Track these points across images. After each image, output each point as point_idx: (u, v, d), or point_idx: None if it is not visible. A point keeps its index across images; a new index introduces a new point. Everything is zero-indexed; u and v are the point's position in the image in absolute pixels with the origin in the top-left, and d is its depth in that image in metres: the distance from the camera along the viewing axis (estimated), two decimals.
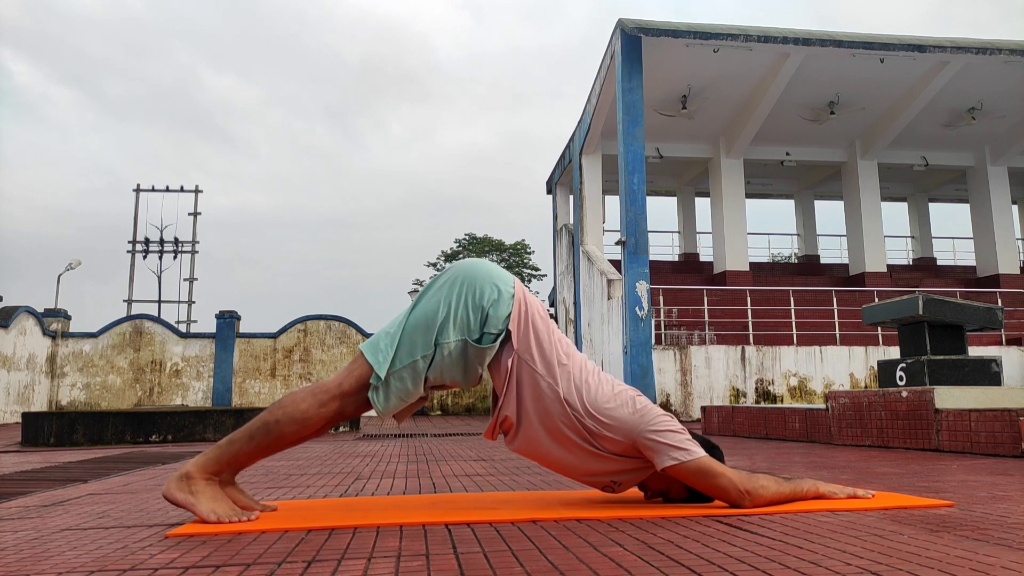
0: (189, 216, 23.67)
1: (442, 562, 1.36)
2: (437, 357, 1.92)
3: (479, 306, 1.94)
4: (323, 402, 1.91)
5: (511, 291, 1.98)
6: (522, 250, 33.07)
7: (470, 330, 1.92)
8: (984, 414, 3.98)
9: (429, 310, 1.95)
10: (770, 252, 22.13)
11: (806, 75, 13.00)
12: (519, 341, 1.95)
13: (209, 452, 1.90)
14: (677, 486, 2.01)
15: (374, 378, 1.91)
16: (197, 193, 23.68)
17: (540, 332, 1.98)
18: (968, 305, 5.31)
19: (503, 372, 1.96)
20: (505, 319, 1.94)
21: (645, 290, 10.79)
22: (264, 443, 1.90)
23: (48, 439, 6.84)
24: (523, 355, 1.95)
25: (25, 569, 1.37)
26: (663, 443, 1.89)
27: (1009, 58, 12.28)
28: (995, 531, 1.60)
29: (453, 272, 2.01)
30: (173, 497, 1.85)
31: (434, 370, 1.93)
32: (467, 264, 2.03)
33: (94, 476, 3.49)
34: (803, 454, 4.25)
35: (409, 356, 1.92)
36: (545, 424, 1.95)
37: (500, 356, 1.96)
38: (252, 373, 16.84)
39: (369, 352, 1.95)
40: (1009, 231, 15.97)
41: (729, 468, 1.93)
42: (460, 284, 1.97)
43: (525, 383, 1.95)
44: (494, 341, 1.93)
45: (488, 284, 1.97)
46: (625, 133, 11.32)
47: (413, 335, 1.93)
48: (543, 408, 1.94)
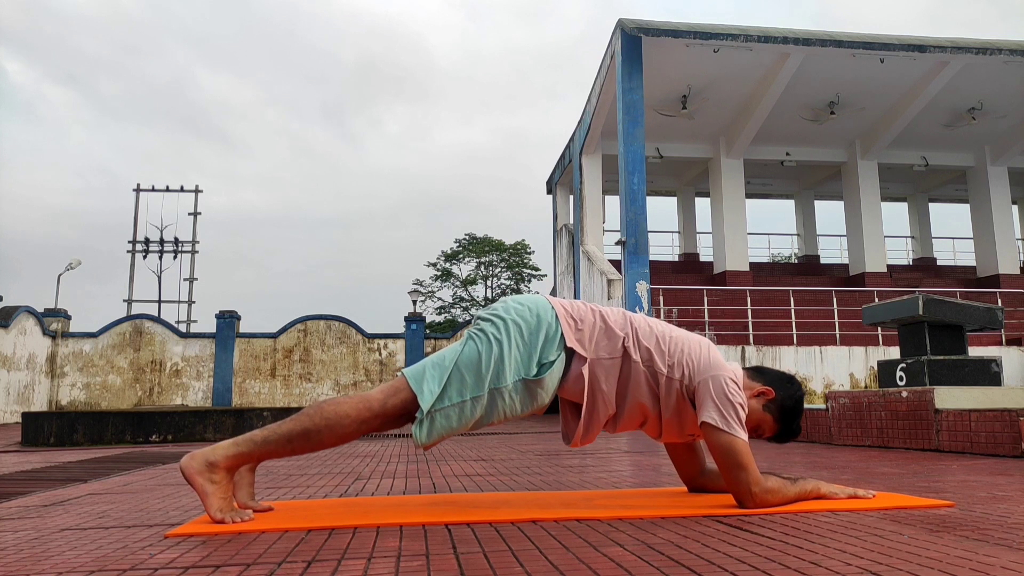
0: (189, 216, 23.69)
1: (442, 562, 1.36)
2: (495, 401, 1.92)
3: (529, 343, 1.95)
4: (365, 419, 1.91)
5: (550, 313, 1.99)
6: (522, 250, 33.04)
7: (527, 368, 1.94)
8: (984, 414, 3.98)
9: (482, 351, 1.94)
10: (770, 252, 22.17)
11: (806, 75, 13.00)
12: (588, 351, 1.97)
13: (240, 444, 1.88)
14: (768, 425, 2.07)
15: (420, 411, 1.91)
16: (197, 193, 23.71)
17: (598, 329, 2.00)
18: (968, 305, 5.31)
19: (580, 380, 1.97)
20: (559, 345, 1.96)
21: (645, 290, 10.79)
22: (301, 447, 1.90)
23: (48, 439, 6.84)
24: (598, 357, 1.98)
25: (25, 569, 1.37)
26: (716, 401, 1.91)
27: (1009, 58, 12.28)
28: (995, 531, 1.60)
29: (499, 310, 2.03)
30: (192, 477, 1.84)
31: (491, 415, 1.94)
32: (509, 302, 2.05)
33: (94, 476, 3.49)
34: (803, 454, 4.24)
35: (459, 395, 1.92)
36: (639, 398, 1.99)
37: (570, 370, 1.98)
38: (252, 373, 16.84)
39: (414, 381, 1.93)
40: (1009, 231, 15.97)
41: (755, 466, 1.92)
42: (507, 324, 1.97)
43: (609, 377, 1.98)
44: (552, 368, 1.94)
45: (531, 317, 1.98)
46: (625, 133, 11.32)
47: (464, 374, 1.93)
48: (634, 386, 1.98)
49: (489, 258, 33.09)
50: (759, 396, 2.08)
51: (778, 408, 2.08)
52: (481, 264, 33.18)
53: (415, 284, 32.87)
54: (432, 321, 31.69)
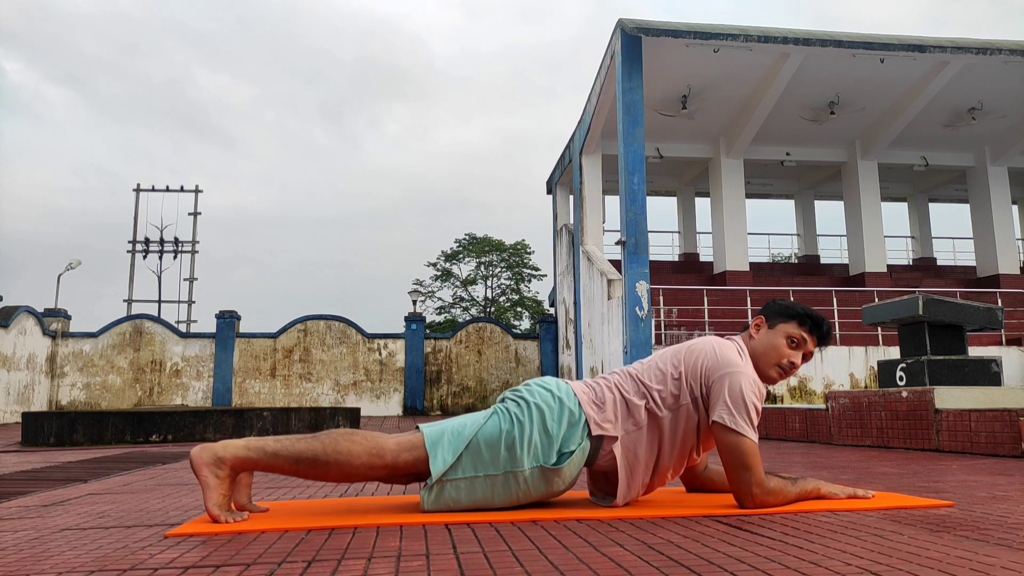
0: (189, 216, 23.69)
1: (442, 562, 1.36)
2: (509, 483, 1.91)
3: (551, 430, 1.92)
4: (374, 465, 1.90)
5: (572, 400, 1.97)
6: (522, 250, 33.03)
7: (546, 456, 1.91)
8: (984, 414, 3.98)
9: (504, 428, 1.93)
10: (770, 252, 22.18)
11: (806, 75, 13.00)
12: (615, 430, 1.96)
13: (252, 449, 1.88)
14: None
15: (430, 478, 1.91)
16: (197, 193, 23.70)
17: (619, 405, 1.98)
18: (968, 305, 5.31)
19: (613, 458, 1.96)
20: (582, 433, 1.94)
21: (645, 290, 10.79)
22: (306, 472, 1.90)
23: (48, 439, 6.84)
24: (627, 432, 1.97)
25: (25, 569, 1.37)
26: (728, 400, 1.91)
27: (1009, 58, 12.27)
28: (995, 531, 1.60)
29: (523, 392, 2.01)
30: (199, 468, 1.85)
31: (503, 496, 1.92)
32: (533, 385, 2.03)
33: (94, 476, 3.49)
34: (803, 454, 4.25)
35: (473, 470, 1.91)
36: (679, 441, 2.00)
37: (601, 450, 1.96)
38: (252, 373, 16.83)
39: (430, 445, 1.92)
40: (1009, 231, 15.96)
41: (760, 469, 1.92)
42: (530, 407, 1.95)
43: (640, 445, 1.97)
44: (572, 458, 1.92)
45: (554, 403, 1.96)
46: (625, 133, 11.31)
47: (482, 448, 1.91)
48: (670, 437, 1.98)
49: (489, 258, 33.08)
50: (757, 329, 2.11)
51: (776, 315, 2.11)
52: (481, 264, 33.18)
53: (415, 284, 32.88)
54: (432, 321, 31.68)
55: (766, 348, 2.07)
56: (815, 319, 2.09)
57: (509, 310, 32.91)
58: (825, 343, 2.12)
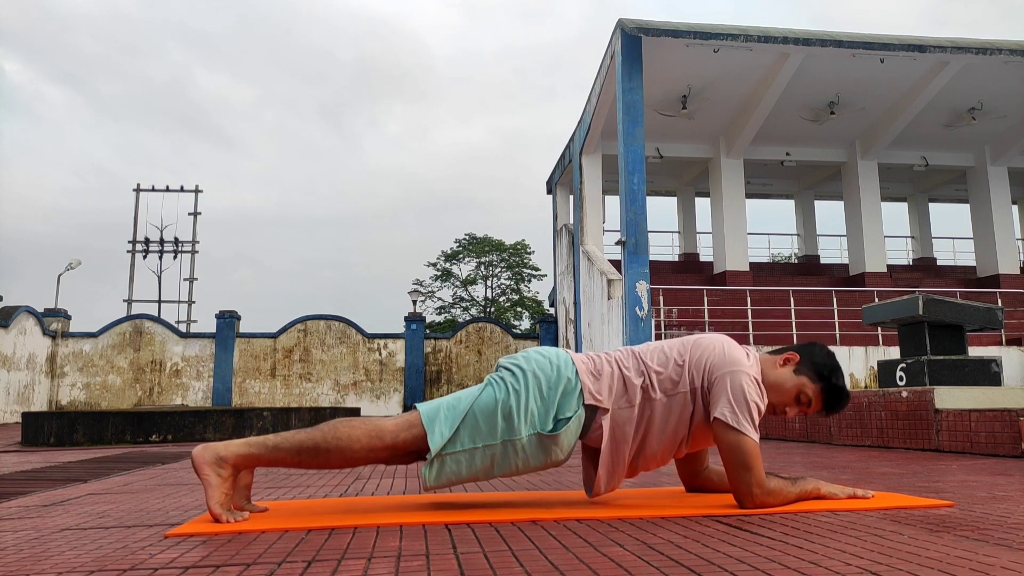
0: (189, 216, 23.70)
1: (442, 562, 1.36)
2: (508, 453, 1.91)
3: (547, 397, 1.93)
4: (374, 447, 1.92)
5: (570, 368, 1.97)
6: (522, 250, 33.04)
7: (543, 423, 1.92)
8: (984, 414, 3.98)
9: (499, 398, 1.93)
10: (770, 252, 22.19)
11: (806, 75, 13.00)
12: (607, 402, 1.96)
13: (253, 446, 1.89)
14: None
15: (430, 453, 1.91)
16: (197, 193, 23.72)
17: (616, 380, 1.98)
18: (968, 305, 5.31)
19: (601, 430, 1.96)
20: (577, 401, 1.94)
21: (645, 290, 10.79)
22: (308, 462, 1.91)
23: (48, 439, 6.84)
24: (618, 407, 1.97)
25: (25, 569, 1.37)
26: (731, 398, 1.90)
27: (1009, 58, 12.28)
28: (995, 531, 1.60)
29: (520, 360, 2.01)
30: (200, 467, 1.86)
31: (503, 466, 1.93)
32: (531, 353, 2.03)
33: (94, 476, 3.49)
34: (803, 454, 4.25)
35: (471, 441, 1.91)
36: (670, 430, 1.98)
37: (593, 422, 1.96)
38: (252, 373, 16.84)
39: (427, 420, 1.93)
40: (1009, 231, 15.96)
41: (761, 469, 1.91)
42: (526, 375, 1.96)
43: (629, 424, 1.96)
44: (568, 424, 1.92)
45: (551, 371, 1.96)
46: (625, 133, 11.31)
47: (479, 420, 1.92)
48: (660, 423, 1.97)
49: (489, 258, 33.09)
50: (785, 363, 2.06)
51: (810, 366, 2.04)
52: (481, 264, 33.19)
53: (415, 284, 32.90)
54: (432, 321, 31.69)
55: (779, 386, 2.04)
56: (836, 397, 2.05)
57: (509, 310, 32.92)
58: (828, 416, 2.12)
